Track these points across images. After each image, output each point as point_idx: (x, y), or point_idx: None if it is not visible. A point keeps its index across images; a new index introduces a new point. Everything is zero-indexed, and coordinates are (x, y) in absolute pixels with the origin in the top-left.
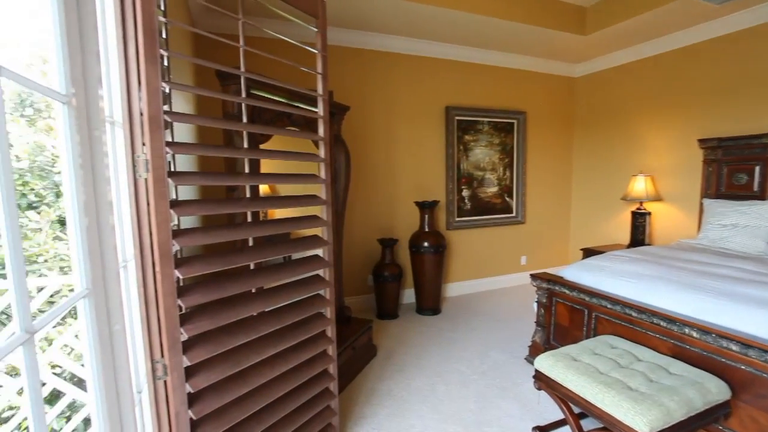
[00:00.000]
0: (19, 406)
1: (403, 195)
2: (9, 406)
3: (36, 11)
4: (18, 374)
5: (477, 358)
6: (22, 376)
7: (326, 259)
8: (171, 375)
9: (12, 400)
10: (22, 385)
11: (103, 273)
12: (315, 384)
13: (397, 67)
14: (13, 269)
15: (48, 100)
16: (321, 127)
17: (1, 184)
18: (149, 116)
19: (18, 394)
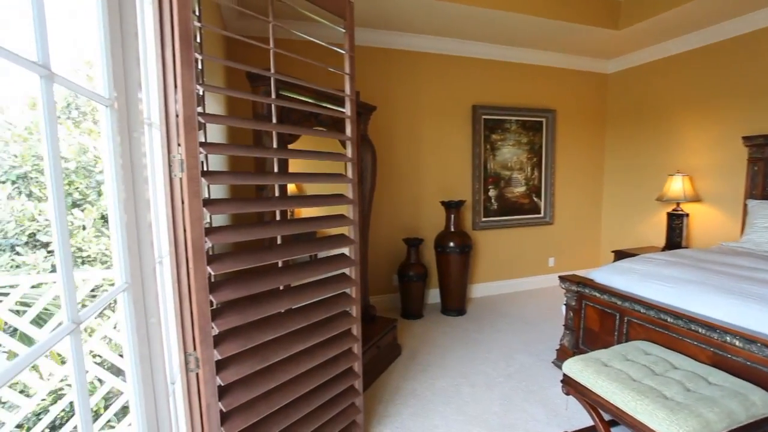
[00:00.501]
0: (65, 391)
1: (429, 195)
2: (55, 391)
3: (81, 20)
4: (64, 362)
5: (503, 360)
6: (69, 363)
7: (352, 257)
8: (203, 368)
9: (57, 385)
10: (66, 373)
11: (141, 268)
12: (340, 381)
13: (424, 66)
14: (62, 264)
15: (91, 103)
16: (348, 127)
17: (52, 185)
18: (184, 118)
19: (61, 381)
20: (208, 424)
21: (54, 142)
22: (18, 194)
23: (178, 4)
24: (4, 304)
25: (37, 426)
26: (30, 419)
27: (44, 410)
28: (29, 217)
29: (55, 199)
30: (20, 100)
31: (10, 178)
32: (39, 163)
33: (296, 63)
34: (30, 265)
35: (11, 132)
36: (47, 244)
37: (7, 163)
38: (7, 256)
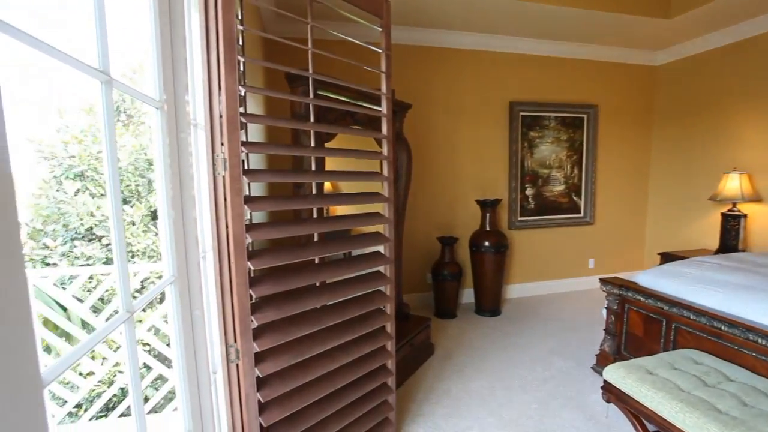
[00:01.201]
0: (116, 377)
1: (464, 193)
2: (109, 374)
3: (128, 30)
4: (117, 349)
5: (539, 363)
6: (123, 349)
7: (387, 255)
8: (242, 359)
9: (110, 370)
10: (118, 359)
11: (186, 262)
12: (373, 378)
13: (459, 63)
14: (118, 258)
15: (136, 106)
16: (384, 125)
17: (110, 184)
18: (227, 118)
19: (114, 366)
20: (247, 413)
21: (112, 143)
22: (76, 192)
23: (223, 9)
24: (68, 292)
25: (93, 407)
26: (86, 399)
27: (98, 395)
28: (88, 213)
29: (112, 197)
30: (77, 105)
31: (70, 176)
32: (94, 162)
33: (333, 63)
34: (88, 257)
35: (70, 134)
36: (101, 238)
37: (67, 162)
38: (67, 248)
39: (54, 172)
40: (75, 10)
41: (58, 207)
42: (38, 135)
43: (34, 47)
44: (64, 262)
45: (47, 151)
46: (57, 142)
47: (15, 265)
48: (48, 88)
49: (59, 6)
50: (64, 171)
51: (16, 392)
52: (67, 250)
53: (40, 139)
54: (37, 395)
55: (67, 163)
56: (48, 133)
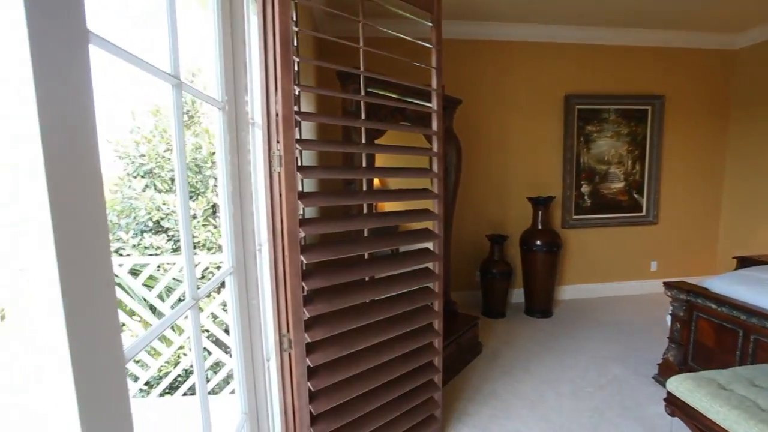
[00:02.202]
0: (180, 358)
1: (516, 190)
2: (174, 356)
3: (196, 32)
4: (182, 332)
5: (594, 369)
6: (190, 333)
7: (436, 252)
8: (294, 349)
9: (176, 352)
10: (182, 342)
11: (244, 254)
12: (420, 374)
13: (511, 56)
14: (185, 249)
15: (197, 107)
16: (435, 121)
17: (179, 180)
18: (283, 117)
19: (180, 348)
20: (298, 400)
21: (181, 142)
22: (144, 188)
23: (280, 11)
24: (139, 279)
25: (160, 385)
26: (154, 378)
27: (165, 374)
28: (156, 207)
29: (180, 193)
30: (146, 107)
31: (140, 173)
32: (160, 160)
33: (381, 60)
34: (155, 248)
35: (141, 134)
36: (167, 230)
37: (138, 161)
38: (137, 240)
39: (127, 170)
40: (143, 18)
41: (130, 202)
42: (115, 136)
43: (118, 56)
44: (135, 252)
45: (122, 151)
46: (130, 142)
47: (104, 256)
48: (123, 91)
49: (133, 17)
50: (135, 169)
51: (106, 365)
52: (137, 241)
53: (117, 139)
54: (121, 369)
55: (137, 162)
56: (122, 134)
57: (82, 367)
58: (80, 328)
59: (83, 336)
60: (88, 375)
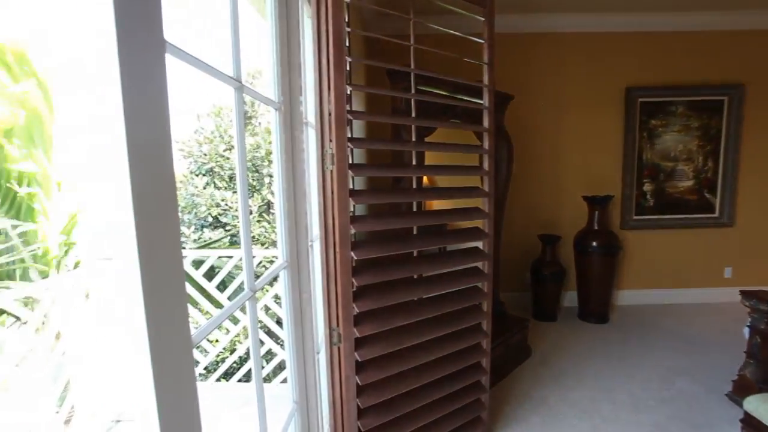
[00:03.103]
0: (235, 346)
1: (570, 188)
2: (230, 344)
3: (254, 36)
4: (237, 321)
5: (656, 381)
6: (247, 323)
7: (486, 251)
8: (344, 343)
9: (232, 340)
10: (236, 331)
11: (297, 250)
12: (467, 375)
13: (566, 49)
14: (244, 244)
15: (254, 108)
16: (486, 118)
17: (240, 178)
18: (336, 116)
19: (236, 337)
20: (347, 393)
21: (242, 142)
22: (205, 185)
23: (333, 13)
24: (200, 271)
25: (217, 371)
26: (212, 364)
27: (222, 360)
28: (215, 203)
29: (240, 190)
30: (207, 109)
31: (202, 171)
32: (220, 159)
33: (430, 57)
34: (214, 241)
35: (203, 135)
36: (225, 225)
37: (200, 160)
38: (198, 234)
39: (190, 168)
40: (205, 24)
41: (192, 198)
42: (181, 136)
43: (188, 62)
44: (195, 245)
45: (186, 150)
46: (193, 142)
47: (176, 248)
48: (187, 94)
49: (196, 24)
50: (198, 167)
51: (177, 348)
52: (198, 235)
53: (182, 139)
54: (189, 352)
55: (200, 161)
56: (187, 134)
57: (157, 348)
58: (155, 311)
59: (158, 319)
60: (162, 355)
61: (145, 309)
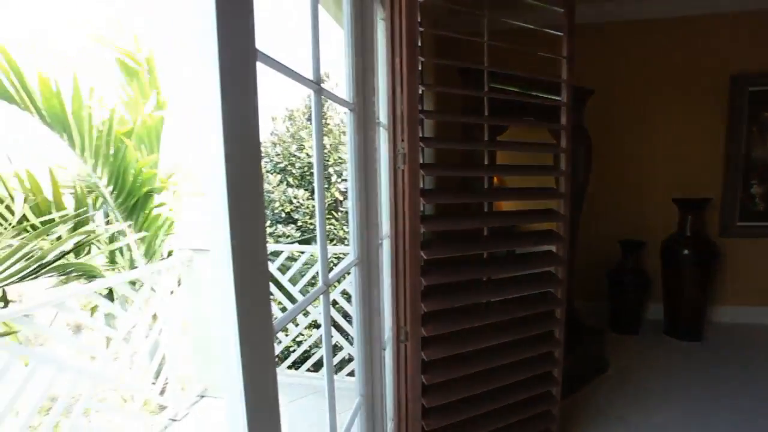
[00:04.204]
0: (305, 338)
1: (656, 190)
2: (300, 336)
3: (326, 38)
4: (307, 314)
5: (765, 412)
6: (317, 315)
7: (561, 255)
8: (410, 341)
9: (302, 332)
10: (305, 323)
11: (368, 247)
12: (537, 384)
13: (655, 37)
14: (320, 240)
15: (324, 108)
16: (563, 115)
17: (317, 177)
18: (408, 116)
19: (306, 328)
20: (412, 392)
21: (319, 142)
22: (278, 183)
23: (407, 14)
24: (275, 264)
25: (287, 360)
26: (282, 353)
27: (292, 350)
28: (287, 200)
29: (318, 191)
30: (282, 112)
31: (276, 170)
32: (292, 159)
33: (500, 53)
34: (286, 236)
35: (276, 136)
36: (296, 221)
37: (274, 159)
38: (272, 229)
39: (266, 167)
40: (283, 29)
41: (268, 195)
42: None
43: (274, 68)
44: (269, 240)
45: (263, 150)
46: (268, 143)
47: (261, 242)
48: (266, 97)
49: (273, 29)
50: (273, 166)
51: (261, 336)
52: (272, 230)
53: (261, 140)
54: (271, 340)
55: (275, 160)
56: (264, 136)
57: (245, 332)
58: (244, 299)
59: (246, 307)
60: (249, 339)
61: (236, 297)
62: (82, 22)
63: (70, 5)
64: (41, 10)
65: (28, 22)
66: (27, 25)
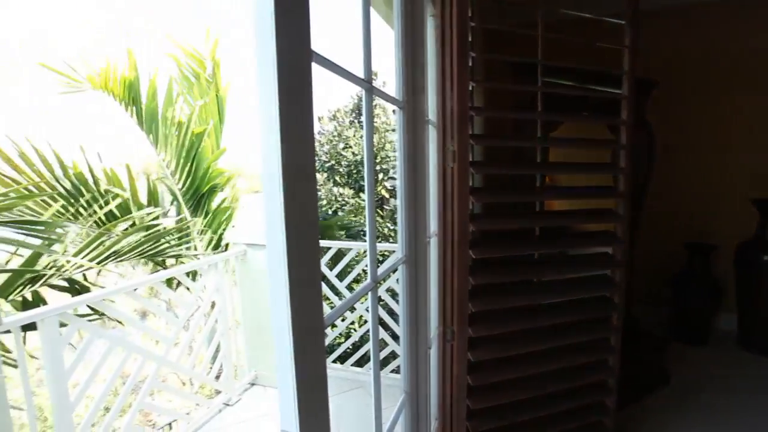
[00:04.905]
0: (350, 333)
1: (731, 189)
2: (346, 330)
3: (379, 36)
4: (354, 309)
5: None
6: (363, 311)
7: (618, 258)
8: (457, 341)
9: (347, 327)
10: (351, 319)
11: (416, 245)
12: (589, 393)
13: (729, 21)
14: (370, 237)
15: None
16: (624, 109)
17: (367, 176)
18: (458, 113)
19: (351, 324)
20: (457, 392)
21: (370, 140)
22: (326, 181)
23: (458, 10)
24: (322, 260)
25: (334, 353)
26: (329, 346)
27: (338, 344)
28: (334, 198)
29: (368, 186)
30: (327, 111)
31: (323, 168)
32: (338, 157)
33: (554, 46)
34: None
35: (324, 135)
36: (343, 218)
37: (322, 158)
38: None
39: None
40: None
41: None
42: None
43: (327, 68)
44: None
45: None
46: (316, 142)
47: (314, 238)
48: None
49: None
50: (320, 165)
51: (313, 331)
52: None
53: None
54: (322, 333)
55: (322, 159)
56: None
57: (298, 325)
58: (298, 294)
59: (299, 301)
60: (302, 332)
61: (289, 291)
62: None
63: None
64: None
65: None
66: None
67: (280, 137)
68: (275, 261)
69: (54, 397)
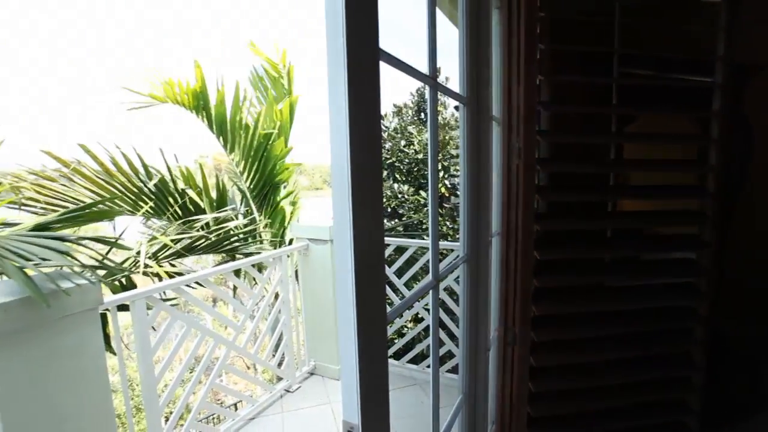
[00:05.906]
0: (406, 331)
1: None
2: (401, 328)
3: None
4: (410, 307)
5: None
6: (427, 310)
7: (704, 265)
8: (519, 344)
9: (402, 325)
10: (407, 317)
11: (478, 244)
12: (666, 411)
13: None
14: (432, 237)
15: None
16: (716, 99)
17: (430, 174)
18: (525, 108)
19: (408, 321)
20: (518, 398)
21: (434, 136)
22: (386, 178)
23: (526, 2)
24: None
25: (391, 349)
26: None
27: (392, 342)
28: (394, 195)
29: (431, 184)
30: (390, 108)
31: (384, 165)
32: (400, 154)
33: (628, 33)
34: (390, 230)
35: (386, 132)
36: (402, 216)
37: (384, 155)
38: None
39: None
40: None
41: None
42: None
43: (394, 66)
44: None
45: None
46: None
47: (380, 234)
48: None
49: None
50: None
51: (377, 325)
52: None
53: None
54: (384, 328)
55: (384, 155)
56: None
57: (363, 319)
58: (363, 289)
59: (365, 296)
60: (366, 326)
61: (355, 286)
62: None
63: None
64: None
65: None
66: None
67: (349, 137)
68: (342, 257)
69: (142, 370)
